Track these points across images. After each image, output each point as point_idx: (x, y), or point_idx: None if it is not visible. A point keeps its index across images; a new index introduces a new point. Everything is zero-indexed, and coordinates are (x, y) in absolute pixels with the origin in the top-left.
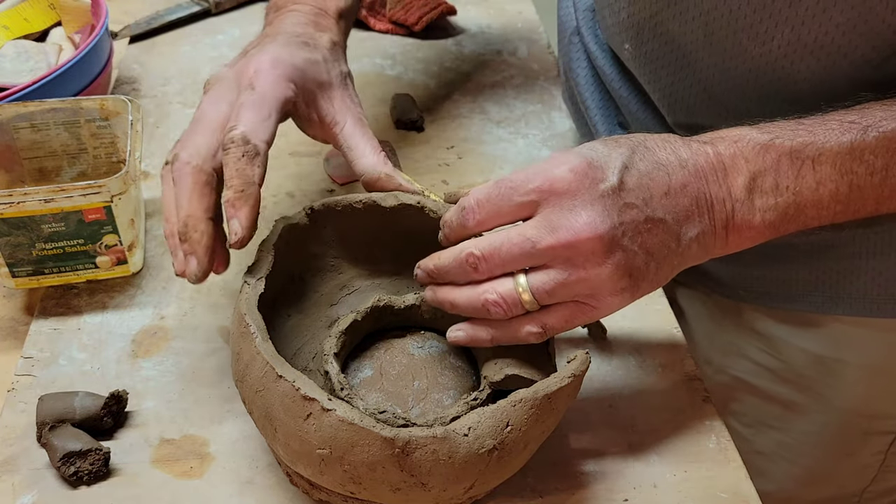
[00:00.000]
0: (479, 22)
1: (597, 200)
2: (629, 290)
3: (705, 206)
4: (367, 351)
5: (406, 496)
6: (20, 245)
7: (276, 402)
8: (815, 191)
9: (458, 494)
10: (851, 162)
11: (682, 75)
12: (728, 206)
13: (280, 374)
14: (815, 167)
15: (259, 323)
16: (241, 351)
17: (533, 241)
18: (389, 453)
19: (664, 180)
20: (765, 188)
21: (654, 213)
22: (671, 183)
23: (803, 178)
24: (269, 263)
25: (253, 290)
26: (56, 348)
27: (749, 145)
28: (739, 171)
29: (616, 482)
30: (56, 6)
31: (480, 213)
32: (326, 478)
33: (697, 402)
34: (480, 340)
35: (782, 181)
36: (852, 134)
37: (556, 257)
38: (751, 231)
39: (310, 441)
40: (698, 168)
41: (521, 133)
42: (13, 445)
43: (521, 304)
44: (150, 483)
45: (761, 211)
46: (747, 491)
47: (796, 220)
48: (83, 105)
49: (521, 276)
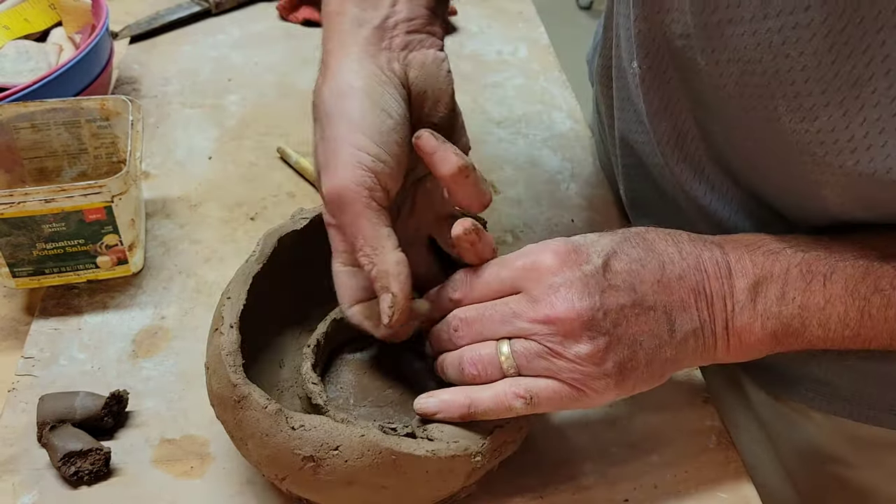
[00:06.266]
0: (479, 22)
1: (577, 280)
2: (614, 379)
3: (704, 301)
4: (332, 369)
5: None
6: (21, 245)
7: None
8: (822, 309)
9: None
10: (865, 288)
11: (699, 113)
12: (728, 306)
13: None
14: (825, 284)
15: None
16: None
17: (514, 311)
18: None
19: (657, 269)
20: (769, 295)
21: (642, 300)
22: (665, 272)
23: (812, 293)
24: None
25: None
26: (57, 348)
27: (760, 251)
28: (745, 274)
29: (616, 482)
30: (56, 6)
31: (466, 286)
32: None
33: (697, 402)
34: (454, 407)
35: (789, 291)
36: (869, 260)
37: (536, 332)
38: (751, 337)
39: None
40: (700, 262)
41: (521, 133)
42: (14, 445)
43: (498, 365)
44: (150, 483)
45: (762, 317)
46: (747, 491)
47: (801, 336)
48: (84, 105)
49: (504, 341)
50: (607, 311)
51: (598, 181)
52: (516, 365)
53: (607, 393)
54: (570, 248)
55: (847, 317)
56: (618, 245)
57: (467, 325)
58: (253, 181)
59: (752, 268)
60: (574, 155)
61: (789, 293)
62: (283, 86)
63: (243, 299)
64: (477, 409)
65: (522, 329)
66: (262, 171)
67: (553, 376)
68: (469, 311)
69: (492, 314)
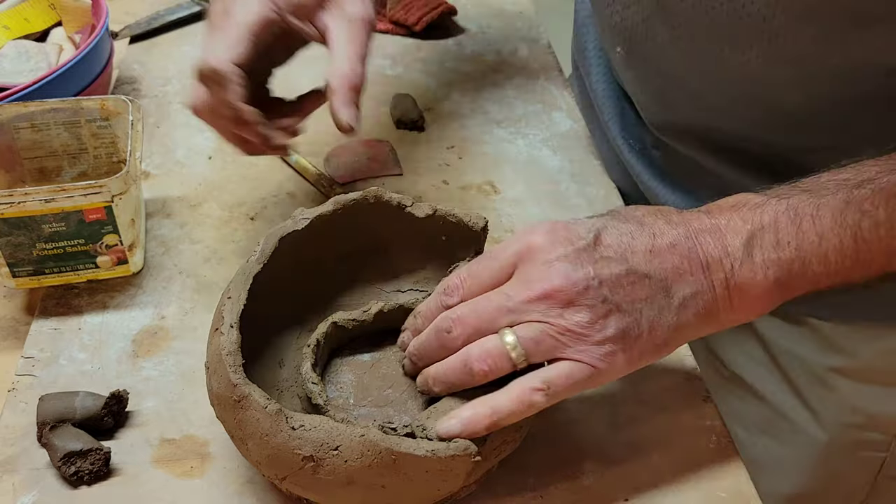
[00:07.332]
0: (479, 22)
1: (571, 254)
2: (620, 345)
3: (699, 266)
4: (333, 370)
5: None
6: (21, 245)
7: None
8: (818, 245)
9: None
10: (851, 214)
11: (669, 80)
12: (727, 265)
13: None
14: (814, 222)
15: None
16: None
17: (509, 294)
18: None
19: (647, 239)
20: (764, 245)
21: (636, 268)
22: (655, 242)
23: (804, 233)
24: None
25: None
26: (56, 348)
27: (746, 208)
28: (737, 231)
29: (616, 482)
30: (56, 6)
31: (464, 286)
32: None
33: (697, 402)
34: (479, 420)
35: (783, 237)
36: (847, 189)
37: (533, 310)
38: (756, 289)
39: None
40: (689, 228)
41: (521, 133)
42: (14, 445)
43: (507, 356)
44: (150, 483)
45: (763, 267)
46: (747, 491)
47: (803, 276)
48: (84, 105)
49: (506, 330)
50: (602, 280)
51: (598, 181)
52: (525, 352)
53: (616, 364)
54: (560, 226)
55: (843, 246)
56: (607, 221)
57: (461, 323)
58: (253, 181)
59: (743, 224)
60: (574, 155)
61: (783, 238)
62: (282, 85)
63: (244, 299)
64: (501, 415)
65: (522, 313)
66: (262, 171)
67: (562, 357)
68: (461, 309)
69: (486, 305)
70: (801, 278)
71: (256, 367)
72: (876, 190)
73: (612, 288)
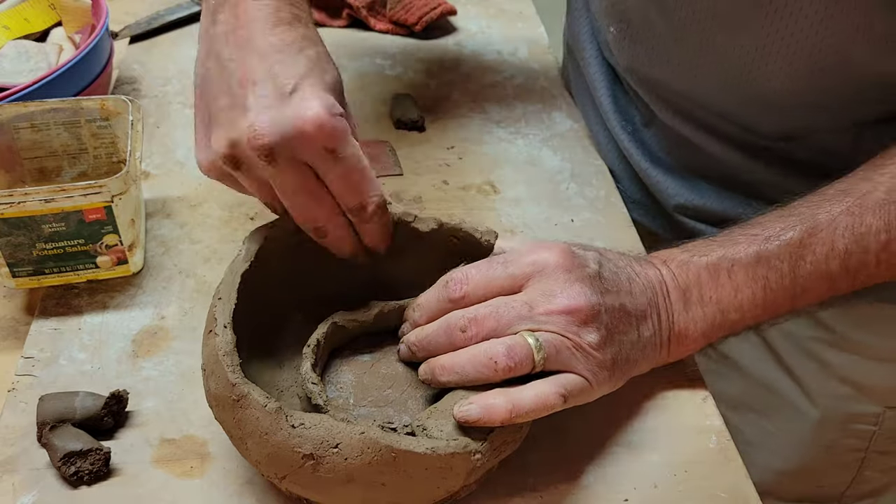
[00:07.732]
0: (479, 22)
1: (586, 278)
2: (610, 370)
3: (656, 313)
4: (333, 370)
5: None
6: (20, 245)
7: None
8: (734, 297)
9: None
10: (760, 269)
11: (661, 61)
12: (671, 317)
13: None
14: (730, 276)
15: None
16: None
17: (531, 305)
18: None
19: (626, 281)
20: (693, 300)
21: (624, 304)
22: (632, 285)
23: (722, 287)
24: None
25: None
26: (56, 348)
27: (674, 264)
28: (675, 287)
29: (616, 482)
30: (56, 6)
31: (469, 283)
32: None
33: (697, 401)
34: (498, 411)
35: (705, 293)
36: (757, 245)
37: (553, 322)
38: (688, 340)
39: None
40: (649, 280)
41: (521, 133)
42: (13, 445)
43: (532, 358)
44: (150, 483)
45: (693, 321)
46: (747, 491)
47: (722, 326)
48: (83, 105)
49: (526, 333)
50: (607, 308)
51: (598, 181)
52: (545, 357)
53: (603, 387)
54: (571, 251)
55: (754, 297)
56: (601, 257)
57: (478, 322)
58: None
59: (674, 281)
60: (574, 155)
61: (706, 294)
62: None
63: (234, 299)
64: (519, 412)
65: (541, 323)
66: None
67: (572, 370)
68: (480, 310)
69: (506, 311)
70: (720, 328)
71: (255, 368)
72: (781, 245)
73: (612, 318)
